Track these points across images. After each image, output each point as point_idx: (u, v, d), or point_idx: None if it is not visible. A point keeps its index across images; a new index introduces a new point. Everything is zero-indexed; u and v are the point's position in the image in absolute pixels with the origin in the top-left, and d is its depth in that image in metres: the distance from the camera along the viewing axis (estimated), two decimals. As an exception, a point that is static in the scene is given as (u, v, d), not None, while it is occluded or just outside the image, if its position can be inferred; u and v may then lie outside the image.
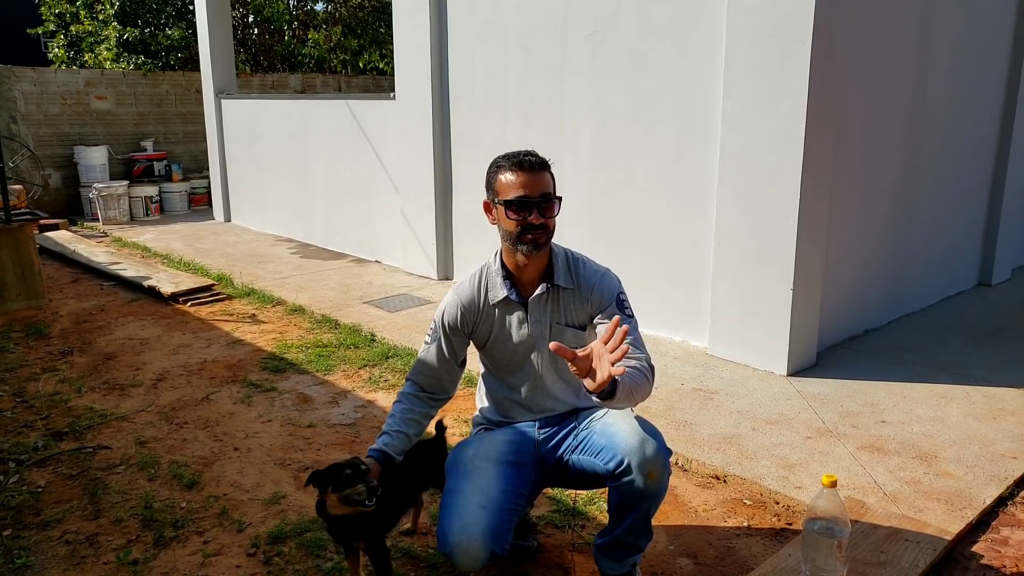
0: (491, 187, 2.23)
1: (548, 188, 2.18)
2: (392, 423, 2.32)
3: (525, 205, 2.14)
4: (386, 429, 2.30)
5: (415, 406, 2.37)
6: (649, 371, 2.15)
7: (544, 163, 2.19)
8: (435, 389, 2.41)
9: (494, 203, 2.22)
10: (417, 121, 6.18)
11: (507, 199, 2.16)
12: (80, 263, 6.92)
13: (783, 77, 3.91)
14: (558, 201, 2.20)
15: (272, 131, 8.22)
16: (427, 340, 2.39)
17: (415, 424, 2.34)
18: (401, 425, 2.31)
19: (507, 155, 2.21)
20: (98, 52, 12.13)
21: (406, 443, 2.29)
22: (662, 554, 2.62)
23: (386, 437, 2.27)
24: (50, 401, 3.92)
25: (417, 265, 6.49)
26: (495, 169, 2.22)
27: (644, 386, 2.10)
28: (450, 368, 2.39)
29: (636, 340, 2.21)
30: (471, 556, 2.02)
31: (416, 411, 2.36)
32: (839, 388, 3.97)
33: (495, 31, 5.54)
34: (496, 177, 2.20)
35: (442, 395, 2.43)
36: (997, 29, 5.49)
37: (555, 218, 2.20)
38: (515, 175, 2.15)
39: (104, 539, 2.71)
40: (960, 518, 2.77)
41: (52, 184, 9.75)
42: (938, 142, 5.17)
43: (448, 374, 2.40)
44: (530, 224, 2.14)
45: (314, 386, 4.12)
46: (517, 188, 2.14)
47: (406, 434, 2.30)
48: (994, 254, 5.89)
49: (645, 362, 2.16)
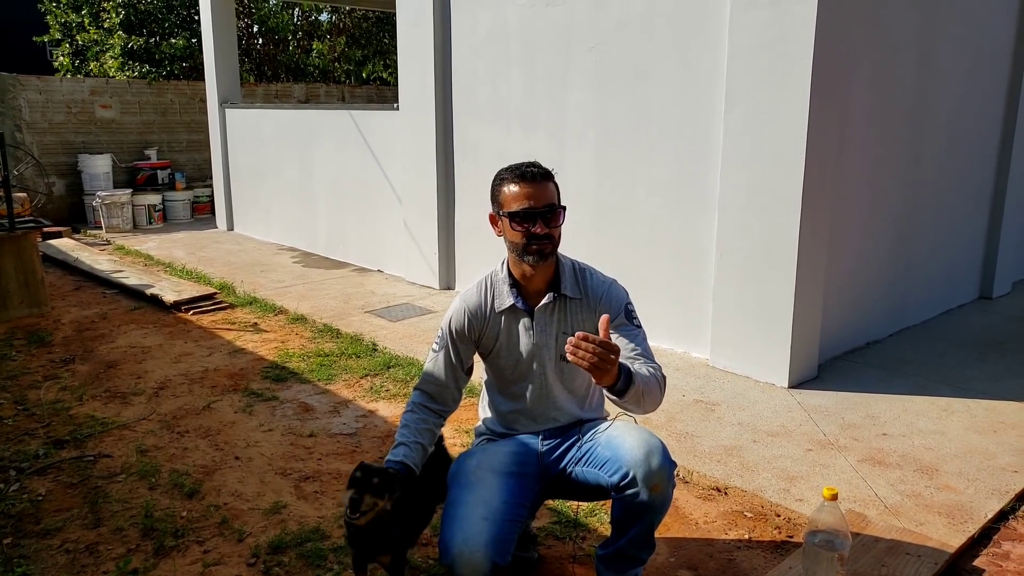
0: (495, 199, 2.24)
1: (552, 198, 2.18)
2: (407, 434, 2.27)
3: (529, 216, 2.15)
4: (402, 440, 2.24)
5: (428, 416, 2.34)
6: (661, 379, 2.16)
7: (547, 173, 2.20)
8: (443, 400, 2.38)
9: (499, 215, 2.23)
10: (420, 131, 6.21)
11: (511, 211, 2.16)
12: (83, 271, 6.93)
13: (785, 89, 3.93)
14: (563, 211, 2.20)
15: (275, 140, 8.25)
16: (434, 348, 2.38)
17: (429, 434, 2.31)
18: (417, 436, 2.27)
19: (510, 167, 2.22)
20: (103, 61, 12.20)
21: (422, 455, 2.25)
22: (663, 566, 2.61)
23: (404, 449, 2.22)
24: (51, 409, 3.93)
25: (419, 275, 6.50)
26: (499, 182, 2.23)
27: (655, 391, 2.10)
28: (458, 376, 2.37)
29: (646, 351, 2.22)
30: (473, 568, 2.01)
31: (430, 421, 2.33)
32: (840, 400, 3.97)
33: (498, 42, 5.57)
34: (500, 189, 2.21)
35: (449, 407, 2.41)
36: (998, 44, 5.51)
37: (560, 227, 2.21)
38: (518, 186, 2.16)
39: (104, 548, 2.70)
40: (961, 532, 2.77)
41: (56, 192, 9.77)
42: (939, 155, 5.18)
43: (456, 383, 2.38)
44: (535, 235, 2.15)
45: (315, 395, 4.12)
46: (521, 200, 2.15)
47: (422, 445, 2.26)
48: (995, 267, 5.89)
49: (658, 371, 2.16)
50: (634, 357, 2.18)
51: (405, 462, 2.18)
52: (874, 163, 4.63)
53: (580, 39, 4.98)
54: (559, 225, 2.20)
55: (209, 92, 9.06)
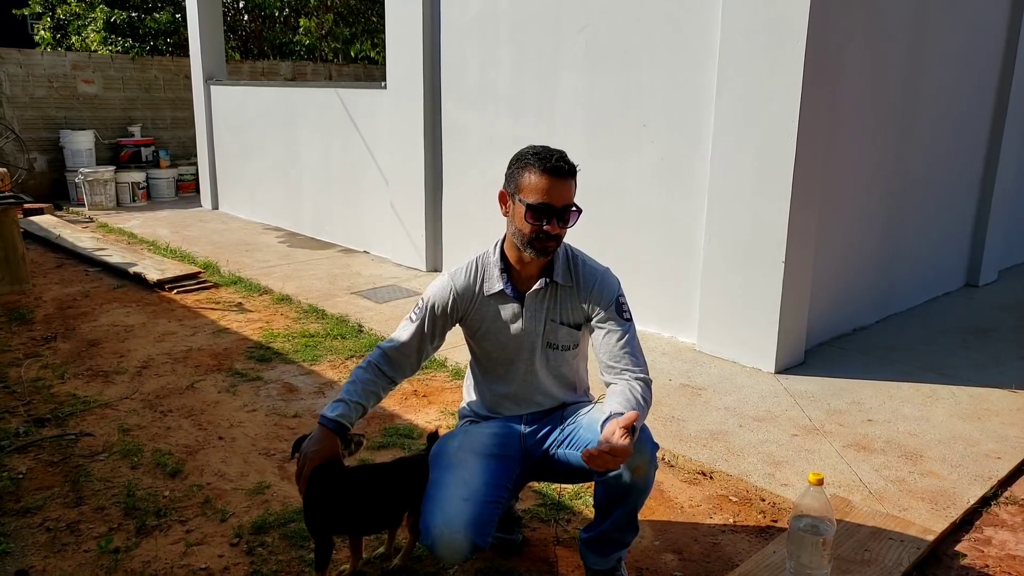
0: (513, 180, 2.15)
1: (571, 198, 2.12)
2: (353, 391, 2.21)
3: (546, 213, 2.09)
4: (345, 398, 2.19)
5: (378, 379, 2.28)
6: (647, 391, 2.14)
7: (574, 170, 2.13)
8: (400, 367, 2.32)
9: (513, 197, 2.16)
10: (408, 111, 6.14)
11: (529, 202, 2.09)
12: (65, 248, 6.84)
13: (777, 74, 3.91)
14: (577, 213, 2.14)
15: (261, 119, 8.15)
16: (411, 318, 2.32)
17: (374, 398, 2.26)
18: (362, 397, 2.21)
19: (537, 152, 2.12)
20: (85, 35, 11.98)
21: (360, 415, 2.21)
22: (647, 549, 2.61)
23: (343, 407, 2.17)
24: (32, 387, 3.87)
25: (405, 256, 6.46)
26: (522, 165, 2.13)
27: (644, 411, 2.10)
28: (423, 349, 2.32)
29: (634, 349, 2.19)
30: (453, 548, 2.01)
31: (379, 384, 2.27)
32: (826, 386, 3.98)
33: (488, 23, 5.50)
34: (522, 173, 2.12)
35: (403, 376, 2.34)
36: (989, 31, 5.51)
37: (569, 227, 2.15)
38: (542, 178, 2.08)
39: (85, 527, 2.67)
40: (944, 517, 2.78)
41: (37, 168, 9.63)
42: (928, 143, 5.18)
43: (419, 355, 2.33)
44: (546, 232, 2.10)
45: (300, 376, 4.09)
46: (541, 193, 2.08)
47: (364, 407, 2.22)
48: (981, 255, 5.92)
49: (643, 383, 2.14)
50: (620, 355, 2.17)
51: (341, 422, 2.15)
52: (864, 150, 4.62)
53: (570, 20, 4.93)
54: (571, 226, 2.14)
55: (194, 68, 8.93)
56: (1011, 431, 3.51)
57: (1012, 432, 3.50)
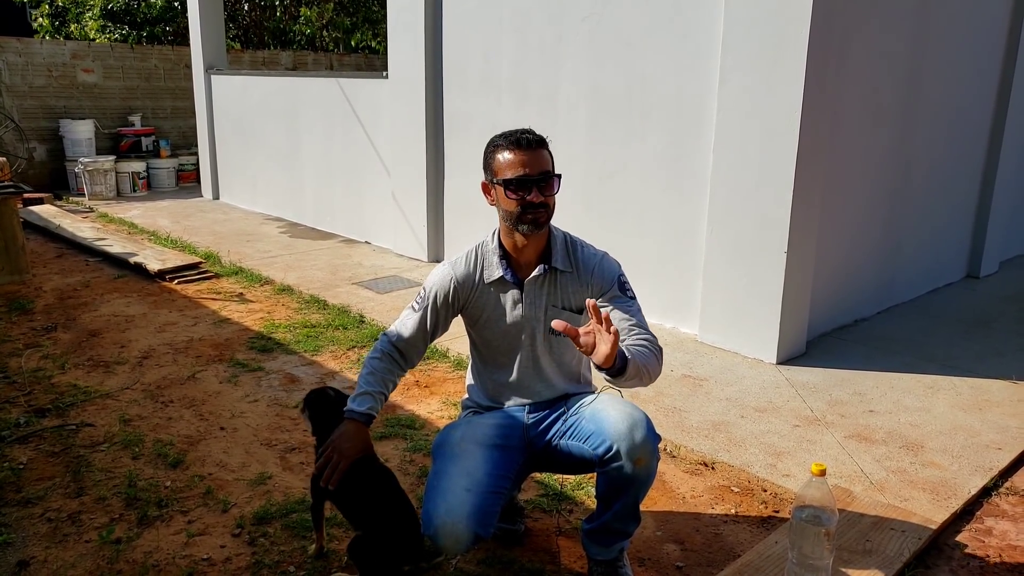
0: (488, 167, 2.19)
1: (547, 166, 2.14)
2: (374, 381, 2.24)
3: (524, 184, 2.10)
4: (369, 390, 2.22)
5: (394, 367, 2.31)
6: (657, 349, 2.14)
7: (542, 140, 2.16)
8: (409, 355, 2.35)
9: (492, 183, 2.18)
10: (410, 101, 6.12)
11: (505, 179, 2.12)
12: (65, 238, 6.83)
13: (780, 63, 3.88)
14: (557, 179, 2.16)
15: (262, 108, 8.12)
16: (414, 307, 2.34)
17: (392, 386, 2.31)
18: (383, 386, 2.25)
19: (503, 134, 2.17)
20: (83, 22, 11.93)
21: (383, 404, 2.27)
22: (649, 540, 2.62)
23: (370, 400, 2.21)
24: (33, 377, 3.87)
25: (407, 247, 6.45)
26: (492, 149, 2.18)
27: (654, 363, 2.09)
28: (426, 337, 2.34)
29: (641, 322, 2.20)
30: (455, 538, 2.01)
31: (395, 372, 2.32)
32: (828, 377, 3.98)
33: (490, 11, 5.47)
34: (494, 157, 2.16)
35: (412, 363, 2.38)
36: (992, 22, 5.48)
37: (555, 196, 2.17)
38: (513, 154, 2.12)
39: (87, 517, 2.68)
40: (945, 508, 2.79)
41: (37, 157, 9.61)
42: (931, 134, 5.16)
43: (424, 343, 2.36)
44: (530, 203, 2.11)
45: (301, 367, 4.09)
46: (516, 167, 2.11)
47: (385, 396, 2.27)
48: (983, 247, 5.91)
49: (654, 342, 2.14)
50: (629, 329, 2.16)
51: (371, 415, 2.20)
52: (867, 141, 4.60)
53: (574, 8, 4.90)
54: (554, 193, 2.16)
55: (194, 58, 8.89)
56: (1012, 422, 3.51)
57: (1013, 423, 3.50)
